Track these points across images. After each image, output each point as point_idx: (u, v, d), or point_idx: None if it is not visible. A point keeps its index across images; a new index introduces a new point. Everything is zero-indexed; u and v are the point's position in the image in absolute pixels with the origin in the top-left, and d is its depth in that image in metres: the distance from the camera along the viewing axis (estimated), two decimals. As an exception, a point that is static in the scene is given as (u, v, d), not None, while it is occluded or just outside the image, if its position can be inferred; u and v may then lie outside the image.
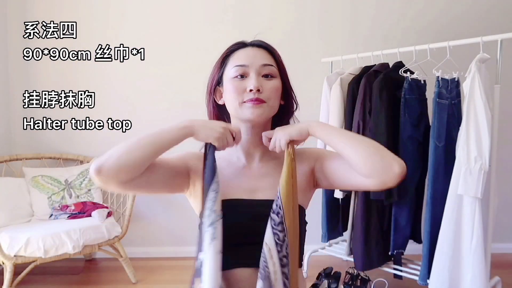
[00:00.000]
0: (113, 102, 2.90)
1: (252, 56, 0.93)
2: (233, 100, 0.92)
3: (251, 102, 0.90)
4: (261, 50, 0.95)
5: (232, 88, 0.92)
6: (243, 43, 0.97)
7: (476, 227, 1.84)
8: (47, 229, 2.30)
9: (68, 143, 2.96)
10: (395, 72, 2.17)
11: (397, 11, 2.93)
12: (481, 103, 1.81)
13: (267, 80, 0.92)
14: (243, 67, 0.91)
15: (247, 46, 0.96)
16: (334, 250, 2.60)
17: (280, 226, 0.81)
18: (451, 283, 1.93)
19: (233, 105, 0.92)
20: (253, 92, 0.89)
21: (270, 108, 0.92)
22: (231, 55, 0.95)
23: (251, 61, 0.92)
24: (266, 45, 0.97)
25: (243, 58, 0.93)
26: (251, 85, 0.89)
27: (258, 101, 0.90)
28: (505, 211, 2.82)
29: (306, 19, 2.94)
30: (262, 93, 0.90)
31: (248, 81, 0.91)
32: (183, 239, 3.03)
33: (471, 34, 2.07)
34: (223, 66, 0.96)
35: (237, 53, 0.95)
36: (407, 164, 0.87)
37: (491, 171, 1.88)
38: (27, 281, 2.41)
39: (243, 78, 0.91)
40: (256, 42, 0.97)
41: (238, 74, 0.91)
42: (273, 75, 0.94)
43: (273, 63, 0.95)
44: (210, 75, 0.99)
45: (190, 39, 2.94)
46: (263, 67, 0.92)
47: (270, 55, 0.96)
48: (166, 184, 0.93)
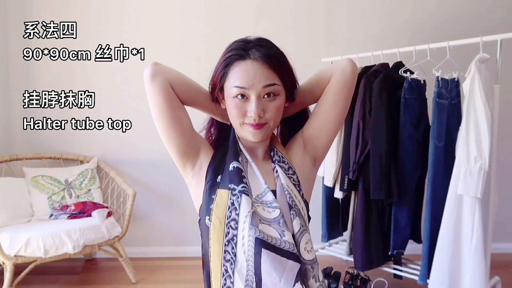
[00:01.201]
0: (113, 102, 2.90)
1: (252, 76, 0.86)
2: (234, 119, 0.91)
3: (251, 126, 0.88)
4: (262, 66, 0.87)
5: (232, 108, 0.89)
6: (242, 53, 0.88)
7: (476, 227, 1.84)
8: (47, 229, 2.30)
9: (68, 143, 2.96)
10: (395, 72, 2.17)
11: (397, 11, 2.93)
12: (481, 103, 1.81)
13: (269, 101, 0.88)
14: (243, 89, 0.86)
15: (246, 59, 0.87)
16: (334, 250, 2.60)
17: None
18: (451, 283, 1.93)
19: (234, 123, 0.92)
20: (254, 117, 0.87)
21: (273, 126, 0.92)
22: (231, 66, 0.88)
23: (251, 83, 0.86)
24: (268, 56, 0.87)
25: (243, 78, 0.86)
26: (251, 111, 0.87)
27: (259, 126, 0.88)
28: (505, 211, 2.83)
29: (306, 19, 2.94)
30: (264, 116, 0.88)
31: (249, 105, 0.87)
32: (183, 239, 3.03)
33: (471, 34, 2.07)
34: (224, 75, 0.90)
35: (236, 67, 0.88)
36: (407, 164, 0.88)
37: (491, 171, 1.88)
38: (27, 281, 2.41)
39: (244, 98, 0.87)
40: (257, 53, 0.87)
41: (239, 94, 0.87)
42: (276, 93, 0.88)
43: (275, 80, 0.88)
44: (211, 79, 0.94)
45: (190, 39, 2.94)
46: (264, 88, 0.87)
47: (272, 69, 0.87)
48: (184, 134, 0.93)
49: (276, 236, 0.85)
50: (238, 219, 0.86)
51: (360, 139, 2.17)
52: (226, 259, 0.85)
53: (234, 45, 0.90)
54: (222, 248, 0.86)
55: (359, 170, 2.19)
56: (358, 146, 2.18)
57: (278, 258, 0.84)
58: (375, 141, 2.11)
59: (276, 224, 0.87)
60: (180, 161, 0.94)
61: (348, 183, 2.27)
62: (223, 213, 0.87)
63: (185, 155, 0.94)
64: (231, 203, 0.87)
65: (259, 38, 0.92)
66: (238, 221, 0.86)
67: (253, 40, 0.91)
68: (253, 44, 0.89)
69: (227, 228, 0.86)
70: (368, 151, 2.14)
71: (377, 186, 2.08)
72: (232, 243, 0.86)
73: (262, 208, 0.88)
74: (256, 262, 0.83)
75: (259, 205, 0.89)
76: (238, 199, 0.87)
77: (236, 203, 0.87)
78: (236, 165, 0.91)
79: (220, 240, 0.86)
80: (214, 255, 0.86)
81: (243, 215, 0.85)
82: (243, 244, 0.85)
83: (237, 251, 0.85)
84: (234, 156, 0.92)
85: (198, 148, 0.95)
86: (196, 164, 0.95)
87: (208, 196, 0.90)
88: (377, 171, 2.09)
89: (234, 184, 0.88)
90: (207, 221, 0.88)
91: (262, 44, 0.89)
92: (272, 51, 0.89)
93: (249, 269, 0.83)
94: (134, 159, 2.99)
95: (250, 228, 0.84)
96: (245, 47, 0.89)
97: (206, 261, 0.91)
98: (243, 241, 0.85)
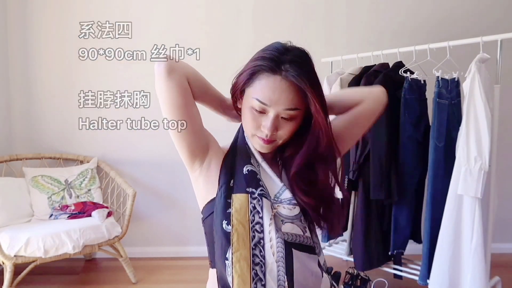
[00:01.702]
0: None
1: (277, 96, 0.82)
2: (246, 127, 0.91)
3: (262, 140, 0.88)
4: (290, 88, 0.82)
5: (248, 117, 0.88)
6: (275, 67, 0.82)
7: (476, 227, 1.84)
8: (47, 229, 2.30)
9: (68, 143, 2.96)
10: (395, 72, 2.17)
11: (397, 11, 2.93)
12: (481, 103, 1.81)
13: (285, 122, 0.86)
14: (264, 106, 0.84)
15: (277, 74, 0.82)
16: (334, 250, 2.60)
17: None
18: (451, 283, 1.93)
19: (246, 130, 0.92)
20: (266, 134, 0.86)
21: (281, 143, 0.92)
22: (259, 74, 0.84)
23: (274, 102, 0.83)
24: (300, 81, 0.81)
25: (267, 95, 0.83)
26: (265, 127, 0.86)
27: (269, 142, 0.88)
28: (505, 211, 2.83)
29: (306, 19, 2.94)
30: (276, 134, 0.87)
31: (265, 119, 0.86)
32: (183, 239, 3.03)
33: (471, 34, 2.07)
34: (248, 82, 0.87)
35: (264, 79, 0.83)
36: (407, 164, 0.90)
37: (491, 171, 1.88)
38: (27, 281, 2.41)
39: (261, 113, 0.86)
40: (290, 71, 0.81)
41: (258, 108, 0.85)
42: (294, 117, 0.86)
43: (298, 105, 0.84)
44: (235, 80, 0.92)
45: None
46: (285, 111, 0.84)
47: (300, 94, 0.84)
48: (196, 131, 0.92)
49: (300, 233, 0.89)
50: (262, 222, 0.86)
51: (360, 139, 2.16)
52: (255, 262, 0.85)
53: (268, 53, 0.85)
54: (250, 252, 0.85)
55: (359, 170, 2.19)
56: (358, 146, 2.18)
57: (305, 255, 0.88)
58: (375, 141, 2.11)
59: (298, 221, 0.89)
60: (189, 159, 0.93)
61: (348, 183, 2.27)
62: (245, 217, 0.86)
63: (195, 152, 0.93)
64: (252, 207, 0.87)
65: (297, 52, 0.86)
66: (263, 224, 0.86)
67: (290, 52, 0.85)
68: (289, 58, 0.83)
69: (253, 232, 0.86)
70: (368, 151, 2.14)
71: (377, 186, 2.08)
72: (260, 246, 0.86)
73: (283, 207, 0.89)
74: (287, 262, 0.85)
75: (279, 205, 0.89)
76: (259, 202, 0.87)
77: (258, 206, 0.87)
78: (250, 168, 0.91)
79: (247, 244, 0.85)
80: (240, 260, 0.84)
81: (267, 217, 0.86)
82: (271, 246, 0.85)
83: (266, 253, 0.85)
84: (246, 159, 0.92)
85: (207, 145, 0.95)
86: (205, 162, 0.94)
87: (223, 200, 0.89)
88: (377, 171, 2.09)
89: (252, 187, 0.88)
90: (224, 225, 0.86)
91: (298, 61, 0.83)
92: (305, 73, 0.82)
93: (280, 269, 0.85)
94: (134, 159, 2.99)
95: (276, 231, 0.85)
96: (279, 59, 0.83)
97: (220, 267, 0.88)
98: (271, 243, 0.85)
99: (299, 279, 0.85)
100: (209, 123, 1.02)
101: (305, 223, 0.90)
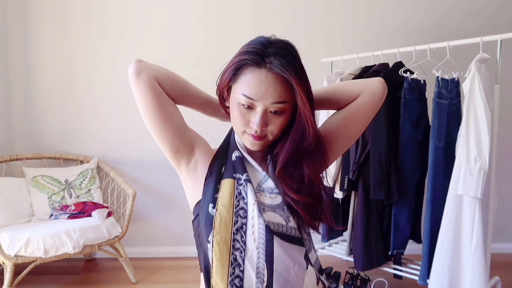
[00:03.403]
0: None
1: (264, 90, 0.81)
2: (236, 125, 0.89)
3: (252, 137, 0.86)
4: (276, 81, 0.81)
5: (236, 114, 0.86)
6: (259, 61, 0.81)
7: (476, 227, 1.84)
8: (47, 229, 2.30)
9: (68, 143, 2.96)
10: (395, 72, 2.17)
11: (397, 11, 2.93)
12: (481, 103, 1.81)
13: (274, 117, 0.85)
14: (251, 101, 0.82)
15: (262, 67, 0.81)
16: (334, 250, 2.60)
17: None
18: (451, 283, 1.93)
19: (235, 128, 0.91)
20: (256, 130, 0.85)
21: (272, 139, 0.90)
22: (244, 69, 0.83)
23: (261, 96, 0.81)
24: (286, 72, 0.80)
25: (253, 89, 0.81)
26: (254, 123, 0.84)
27: (259, 138, 0.87)
28: (505, 211, 2.83)
29: (306, 19, 2.94)
30: (266, 129, 0.86)
31: (254, 115, 0.84)
32: (183, 239, 3.03)
33: (471, 34, 2.07)
34: (235, 77, 0.85)
35: (250, 74, 0.82)
36: (407, 164, 0.89)
37: (491, 171, 1.88)
38: (27, 281, 2.41)
39: (249, 108, 0.84)
40: (275, 65, 0.80)
41: (246, 104, 0.83)
42: (284, 110, 0.84)
43: (287, 98, 0.83)
44: (221, 77, 0.90)
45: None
46: (273, 104, 0.82)
47: (287, 87, 0.82)
48: (176, 130, 0.91)
49: (282, 222, 0.86)
50: (247, 208, 0.86)
51: (360, 139, 2.17)
52: (235, 247, 0.84)
53: (252, 47, 0.83)
54: (231, 237, 0.84)
55: (359, 170, 2.19)
56: (358, 146, 2.18)
57: (289, 245, 0.86)
58: (375, 141, 2.11)
59: (280, 211, 0.88)
60: (174, 158, 0.94)
61: (348, 183, 2.27)
62: (230, 202, 0.86)
63: (179, 152, 0.93)
64: (238, 192, 0.87)
65: (281, 44, 0.85)
66: (247, 210, 0.86)
67: (274, 44, 0.84)
68: (273, 51, 0.82)
69: (236, 216, 0.86)
70: (368, 151, 2.14)
71: (377, 186, 2.08)
72: (241, 231, 0.85)
73: (265, 195, 0.89)
74: (268, 249, 0.83)
75: (261, 193, 0.89)
76: (245, 188, 0.87)
77: (243, 192, 0.87)
78: (237, 154, 0.91)
79: (229, 228, 0.85)
80: (220, 243, 0.84)
81: (251, 204, 0.86)
82: (253, 232, 0.85)
83: (247, 239, 0.85)
84: (234, 150, 0.93)
85: (192, 145, 0.95)
86: (191, 162, 0.94)
87: (213, 185, 0.89)
88: (377, 171, 2.09)
89: (239, 173, 0.89)
90: (210, 209, 0.87)
91: (283, 52, 0.82)
92: (291, 63, 0.81)
93: (260, 257, 0.84)
94: (134, 159, 2.99)
95: (259, 216, 0.84)
96: (263, 52, 0.82)
97: (203, 250, 0.88)
98: (253, 229, 0.85)
99: (279, 269, 0.83)
100: (203, 126, 1.02)
101: (288, 213, 0.87)
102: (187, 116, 0.97)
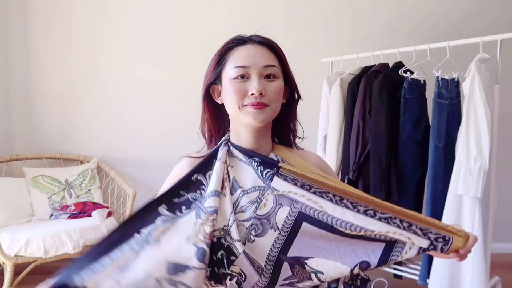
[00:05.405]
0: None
1: (253, 56, 0.87)
2: (233, 102, 0.88)
3: (252, 106, 0.86)
4: (262, 48, 0.89)
5: (232, 90, 0.87)
6: (243, 39, 0.91)
7: (476, 227, 1.84)
8: (47, 229, 2.30)
9: (68, 143, 2.96)
10: (395, 72, 2.17)
11: (397, 11, 2.93)
12: (481, 103, 1.81)
13: (270, 82, 0.87)
14: (244, 68, 0.86)
15: (247, 43, 0.90)
16: (334, 250, 2.59)
17: None
18: (451, 283, 1.93)
19: (233, 107, 0.88)
20: (255, 96, 0.85)
21: (273, 111, 0.89)
22: (230, 52, 0.90)
23: (252, 62, 0.86)
24: (268, 41, 0.90)
25: (244, 58, 0.87)
26: (253, 89, 0.85)
27: (260, 106, 0.86)
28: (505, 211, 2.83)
29: (306, 19, 2.94)
30: (265, 96, 0.86)
31: (250, 83, 0.86)
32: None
33: (471, 34, 2.07)
34: (222, 63, 0.90)
35: (237, 51, 0.89)
36: (407, 164, 0.88)
37: (491, 171, 1.88)
38: (27, 281, 2.42)
39: (244, 79, 0.86)
40: (257, 38, 0.90)
41: (239, 75, 0.86)
42: (276, 75, 0.88)
43: (275, 63, 0.89)
44: (206, 72, 0.94)
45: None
46: (265, 68, 0.87)
47: (273, 53, 0.90)
48: None
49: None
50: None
51: (360, 139, 2.17)
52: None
53: (232, 38, 0.93)
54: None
55: (359, 170, 2.19)
56: (358, 146, 2.18)
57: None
58: (375, 141, 2.11)
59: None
60: None
61: (348, 183, 2.27)
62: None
63: None
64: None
65: (257, 35, 0.93)
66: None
67: (253, 35, 0.93)
68: (253, 36, 0.92)
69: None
70: (368, 151, 2.14)
71: (377, 186, 2.08)
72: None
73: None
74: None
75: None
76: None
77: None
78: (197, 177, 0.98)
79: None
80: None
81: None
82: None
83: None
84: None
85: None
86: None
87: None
88: (377, 171, 2.09)
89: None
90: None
91: (262, 37, 0.92)
92: (272, 44, 0.92)
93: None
94: (134, 159, 2.99)
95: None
96: (244, 37, 0.92)
97: None
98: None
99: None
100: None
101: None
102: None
